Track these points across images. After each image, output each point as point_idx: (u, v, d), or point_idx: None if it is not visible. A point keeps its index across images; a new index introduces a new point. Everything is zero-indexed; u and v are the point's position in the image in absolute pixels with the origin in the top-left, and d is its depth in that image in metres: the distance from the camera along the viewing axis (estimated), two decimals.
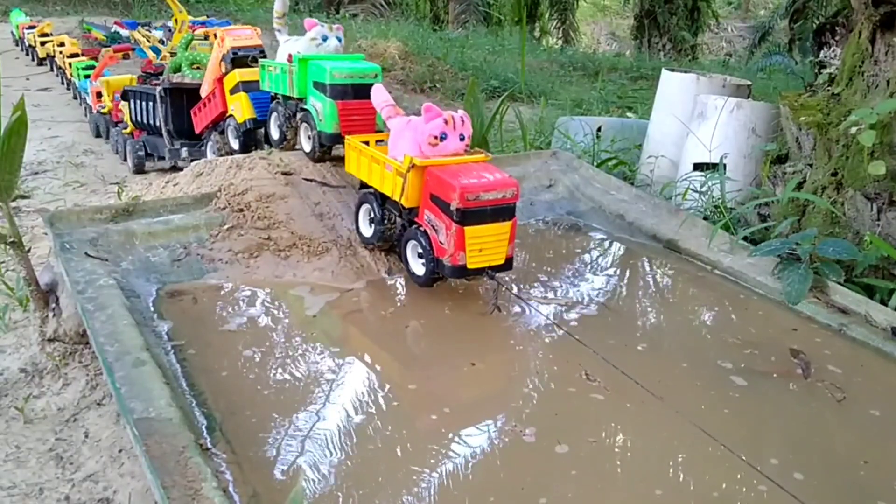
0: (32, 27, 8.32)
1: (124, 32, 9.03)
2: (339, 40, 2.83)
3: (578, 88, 8.27)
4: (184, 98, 4.00)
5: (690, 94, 3.74)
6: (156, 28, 8.98)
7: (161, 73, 6.76)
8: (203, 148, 3.82)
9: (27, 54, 8.48)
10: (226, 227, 2.51)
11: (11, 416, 1.89)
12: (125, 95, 4.58)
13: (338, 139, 2.69)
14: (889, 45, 2.68)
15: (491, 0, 15.36)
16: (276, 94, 3.01)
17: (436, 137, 2.14)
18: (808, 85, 3.49)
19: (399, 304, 2.32)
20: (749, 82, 3.99)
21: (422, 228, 2.20)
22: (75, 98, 6.39)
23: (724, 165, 3.21)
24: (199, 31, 7.88)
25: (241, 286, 2.32)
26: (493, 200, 2.07)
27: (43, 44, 7.72)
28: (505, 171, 2.84)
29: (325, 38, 2.80)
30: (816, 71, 3.52)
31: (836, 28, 3.54)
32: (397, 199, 2.25)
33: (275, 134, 3.05)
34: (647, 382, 1.87)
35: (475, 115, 3.80)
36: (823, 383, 1.92)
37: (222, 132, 3.56)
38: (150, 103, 4.25)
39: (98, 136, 5.20)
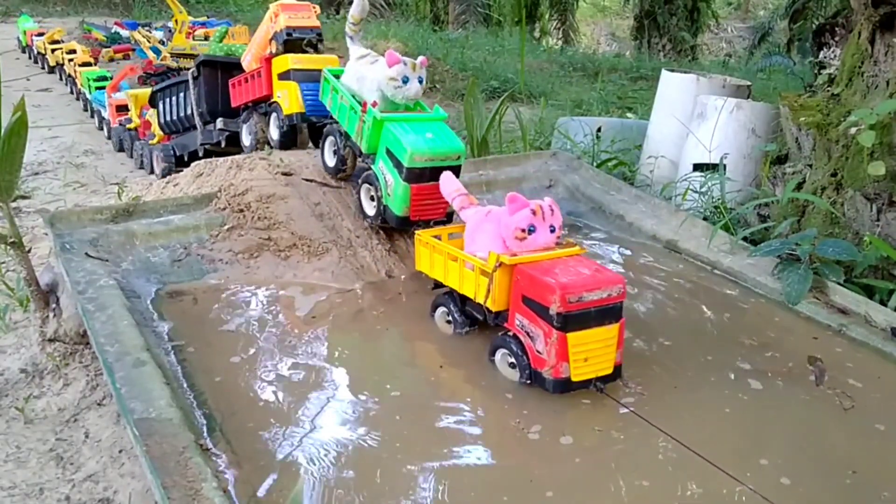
0: (41, 34, 7.97)
1: (124, 33, 9.05)
2: (421, 81, 2.43)
3: (578, 89, 8.27)
4: (218, 75, 3.69)
5: (690, 95, 3.74)
6: (156, 28, 8.99)
7: (161, 73, 6.77)
8: (241, 124, 3.46)
9: (36, 62, 8.11)
10: (226, 227, 2.51)
11: (12, 416, 1.89)
12: (152, 100, 4.43)
13: (406, 223, 2.40)
14: (889, 45, 2.68)
15: (491, 1, 15.36)
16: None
17: (523, 231, 1.86)
18: (807, 85, 3.50)
19: (399, 304, 2.32)
20: (749, 83, 4.00)
21: (512, 334, 1.87)
22: (86, 110, 6.08)
23: (724, 166, 3.21)
24: (200, 32, 7.91)
25: (241, 286, 2.32)
26: (598, 301, 1.76)
27: (53, 51, 7.41)
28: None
29: (405, 80, 2.38)
30: (816, 71, 3.52)
31: (836, 28, 3.54)
32: (482, 303, 1.93)
33: (329, 161, 2.74)
34: (646, 382, 1.88)
35: (475, 116, 3.80)
36: (833, 391, 1.91)
37: (265, 114, 3.22)
38: (181, 94, 4.03)
39: (121, 150, 5.01)
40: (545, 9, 16.99)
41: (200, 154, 4.00)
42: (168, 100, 4.20)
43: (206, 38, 7.69)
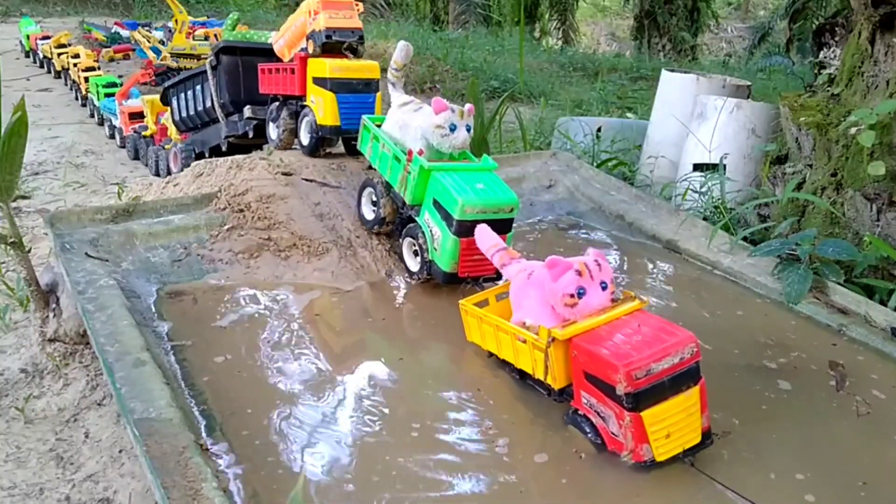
0: (47, 37, 7.75)
1: (124, 33, 9.05)
2: (469, 129, 2.29)
3: (578, 89, 8.28)
4: (239, 62, 3.49)
5: (690, 95, 3.74)
6: (156, 28, 8.99)
7: (162, 73, 6.76)
8: (268, 115, 3.21)
9: (41, 66, 7.91)
10: (226, 227, 2.51)
11: (12, 416, 1.89)
12: (164, 97, 4.28)
13: (454, 279, 2.22)
14: (889, 45, 2.68)
15: (491, 1, 15.38)
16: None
17: (572, 296, 1.65)
18: (807, 85, 3.50)
19: (400, 304, 2.32)
20: (749, 83, 4.00)
21: (582, 414, 1.66)
22: (92, 116, 5.88)
23: (724, 166, 3.21)
24: (200, 32, 7.91)
25: (241, 286, 2.32)
26: (670, 368, 1.53)
27: (59, 55, 7.19)
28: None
29: (453, 128, 2.24)
30: (816, 71, 3.52)
31: (836, 28, 3.54)
32: (542, 380, 1.74)
33: (367, 214, 2.55)
34: None
35: (475, 116, 3.79)
36: (850, 395, 1.89)
37: (295, 114, 3.01)
38: (197, 87, 3.84)
39: (136, 158, 4.86)
40: (545, 9, 17.01)
41: (224, 148, 3.79)
42: (182, 95, 4.00)
43: (206, 38, 7.70)
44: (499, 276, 2.23)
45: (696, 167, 3.40)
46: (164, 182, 2.98)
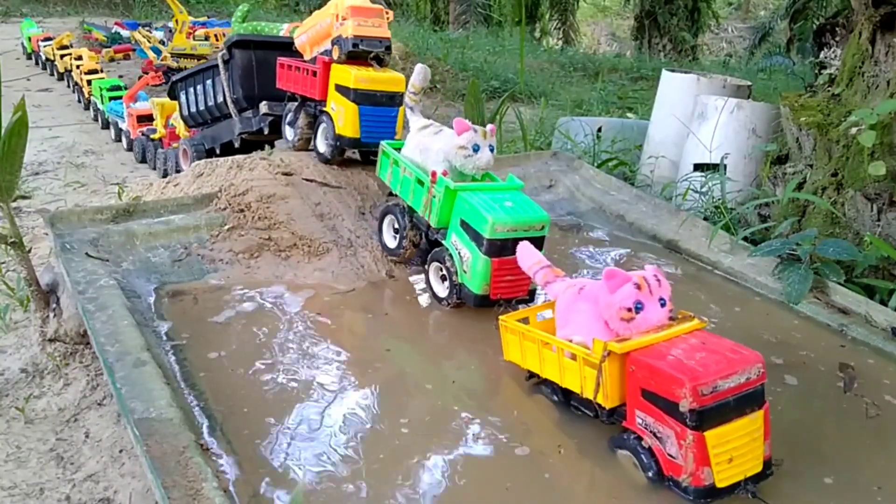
0: (49, 39, 7.62)
1: (125, 33, 9.05)
2: (492, 150, 2.24)
3: (579, 89, 8.28)
4: (253, 57, 3.36)
5: (691, 95, 3.74)
6: (156, 29, 8.99)
7: (168, 73, 6.75)
8: (284, 114, 3.11)
9: (44, 68, 7.79)
10: (226, 227, 2.51)
11: (12, 416, 1.89)
12: (171, 91, 4.15)
13: (486, 302, 2.12)
14: (889, 45, 2.68)
15: (491, 1, 15.38)
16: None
17: (629, 310, 1.57)
18: (808, 85, 3.50)
19: (401, 304, 2.32)
20: (749, 83, 4.00)
21: (635, 435, 1.56)
22: (96, 120, 5.78)
23: (725, 166, 3.21)
24: (200, 32, 7.92)
25: (241, 287, 2.32)
26: (737, 387, 1.45)
27: (62, 57, 7.06)
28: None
29: (476, 149, 2.20)
30: (817, 71, 3.52)
31: (836, 28, 3.54)
32: (591, 399, 1.62)
33: (389, 242, 2.48)
34: None
35: (475, 116, 3.80)
36: (859, 396, 1.89)
37: (313, 118, 2.92)
38: (208, 81, 3.70)
39: (143, 161, 4.75)
40: (545, 9, 17.01)
41: (237, 145, 3.67)
42: (192, 89, 3.87)
43: (207, 38, 7.70)
44: (531, 298, 2.18)
45: (697, 167, 3.40)
46: (164, 182, 2.98)
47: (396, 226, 2.42)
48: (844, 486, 1.56)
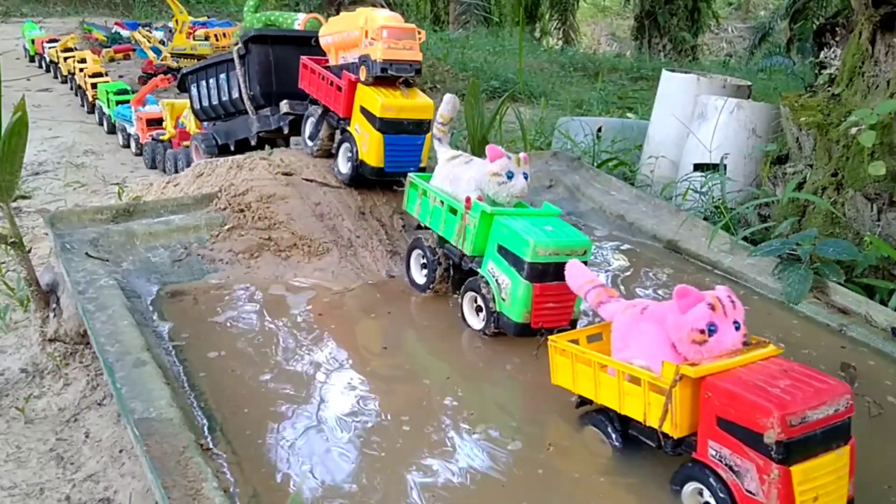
0: (53, 41, 7.53)
1: (125, 33, 9.05)
2: (526, 177, 2.17)
3: (579, 89, 8.28)
4: (270, 53, 3.21)
5: (691, 95, 3.75)
6: (156, 29, 8.99)
7: (161, 73, 6.75)
8: (305, 120, 3.00)
9: (47, 70, 7.65)
10: (226, 227, 2.51)
11: (12, 416, 1.89)
12: (182, 84, 4.01)
13: (526, 331, 2.00)
14: (889, 45, 2.68)
15: (491, 1, 15.37)
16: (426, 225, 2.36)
17: (702, 332, 1.44)
18: (808, 86, 3.50)
19: (401, 304, 2.32)
20: (749, 83, 4.01)
21: (709, 468, 1.42)
22: (101, 124, 5.62)
23: (725, 166, 3.21)
24: (200, 32, 7.92)
25: (241, 286, 2.32)
26: (825, 419, 1.33)
27: (66, 59, 6.92)
28: None
29: (510, 176, 2.12)
30: (816, 71, 3.53)
31: (837, 28, 3.54)
32: (656, 427, 1.48)
33: (418, 277, 2.38)
34: None
35: (475, 116, 3.80)
36: (860, 396, 1.86)
37: (338, 130, 2.81)
38: (222, 76, 3.56)
39: (153, 167, 4.61)
40: (545, 9, 17.00)
41: (253, 143, 3.53)
42: (205, 82, 3.72)
43: (207, 38, 7.70)
44: (573, 327, 2.03)
45: (697, 167, 3.40)
46: (164, 182, 2.98)
47: (424, 261, 2.35)
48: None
